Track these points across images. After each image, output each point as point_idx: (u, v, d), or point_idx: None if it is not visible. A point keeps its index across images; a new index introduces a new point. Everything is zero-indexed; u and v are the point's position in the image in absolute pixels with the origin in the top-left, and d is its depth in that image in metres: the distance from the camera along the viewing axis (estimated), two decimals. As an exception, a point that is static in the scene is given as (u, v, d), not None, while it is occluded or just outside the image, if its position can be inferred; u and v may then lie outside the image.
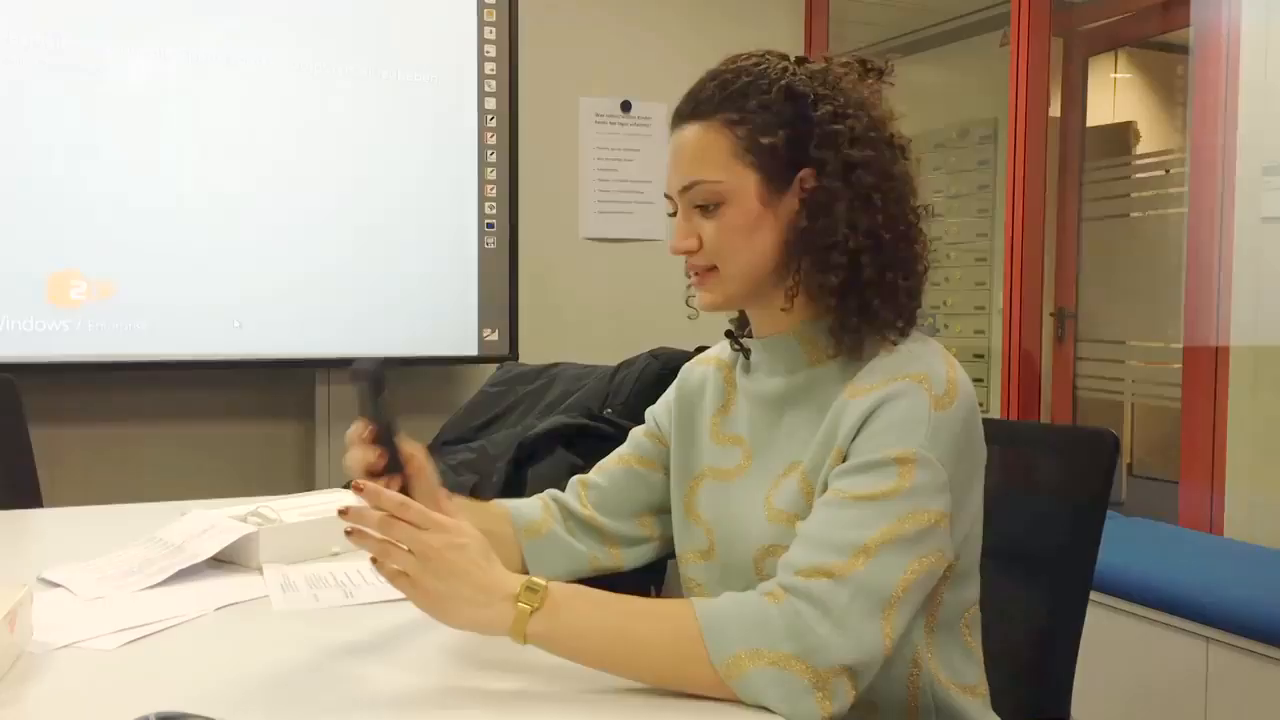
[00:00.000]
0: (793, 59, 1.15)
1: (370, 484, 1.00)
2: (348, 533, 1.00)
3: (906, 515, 0.99)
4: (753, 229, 1.10)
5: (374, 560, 1.00)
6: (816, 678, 0.92)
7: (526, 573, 1.24)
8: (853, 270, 1.08)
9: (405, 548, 0.96)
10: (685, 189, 1.12)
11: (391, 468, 1.09)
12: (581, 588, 1.01)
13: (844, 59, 1.15)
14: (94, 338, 2.91)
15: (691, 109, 1.13)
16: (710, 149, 1.10)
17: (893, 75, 1.17)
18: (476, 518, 1.22)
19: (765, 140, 1.09)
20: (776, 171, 1.10)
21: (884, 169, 1.10)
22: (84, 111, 2.90)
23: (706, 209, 1.12)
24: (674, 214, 1.16)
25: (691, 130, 1.12)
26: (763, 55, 1.14)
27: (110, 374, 3.09)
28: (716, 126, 1.10)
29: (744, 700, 0.93)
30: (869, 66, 1.16)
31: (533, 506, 1.31)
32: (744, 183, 1.10)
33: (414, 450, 1.12)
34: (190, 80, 3.00)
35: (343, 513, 1.00)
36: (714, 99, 1.11)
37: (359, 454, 1.08)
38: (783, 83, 1.10)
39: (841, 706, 0.94)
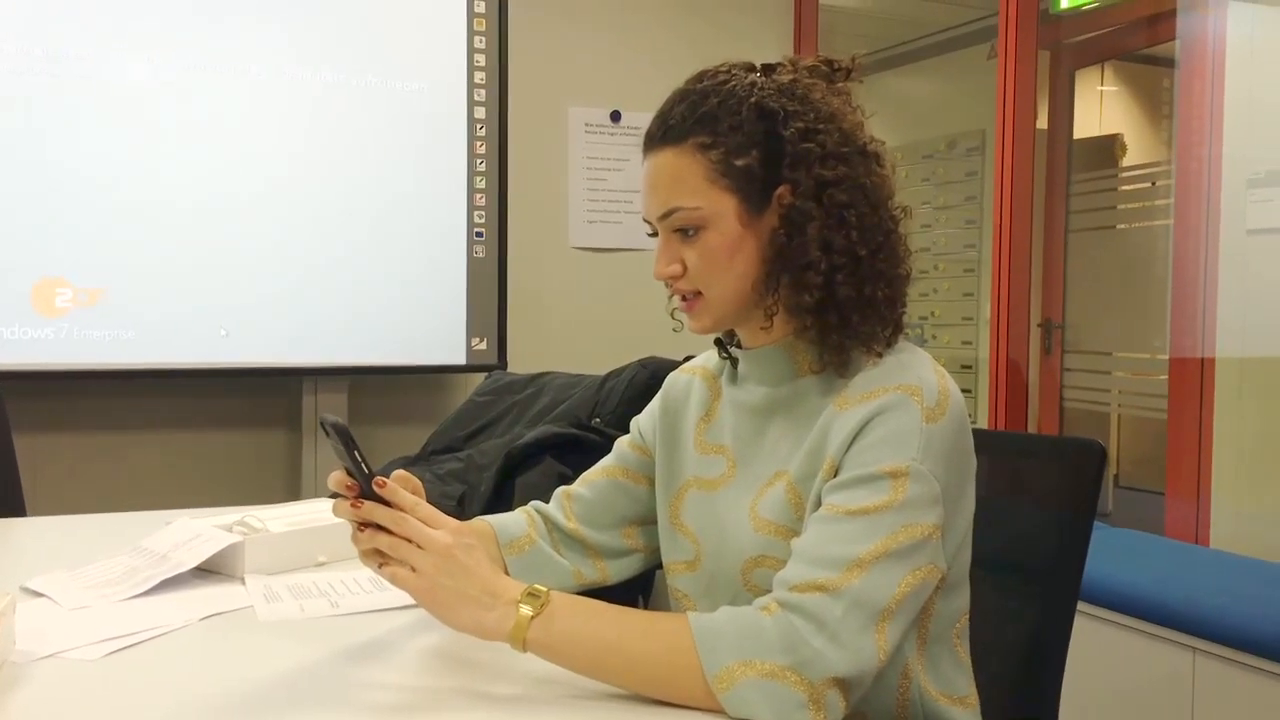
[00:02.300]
0: (760, 69, 1.14)
1: (389, 482, 1.02)
2: (360, 528, 1.02)
3: (900, 529, 0.99)
4: (734, 251, 1.10)
5: (375, 557, 1.01)
6: (810, 690, 0.92)
7: None
8: (829, 289, 1.07)
9: (416, 544, 0.99)
10: (664, 216, 1.12)
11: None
12: (580, 598, 1.02)
13: (810, 62, 1.14)
14: (79, 346, 2.90)
15: (662, 133, 1.11)
16: (685, 174, 1.09)
17: (861, 73, 1.16)
18: (465, 532, 1.23)
19: (739, 162, 1.08)
20: (754, 191, 1.09)
21: (857, 183, 1.08)
22: (71, 118, 2.89)
23: (687, 233, 1.11)
24: (654, 234, 1.16)
25: (664, 156, 1.11)
26: (729, 71, 1.13)
27: (96, 382, 3.08)
28: (689, 151, 1.09)
29: (734, 715, 0.93)
30: (836, 67, 1.15)
31: (517, 522, 1.30)
32: (722, 206, 1.09)
33: (406, 481, 1.09)
34: (178, 88, 3.00)
35: (352, 507, 1.01)
36: (684, 122, 1.10)
37: (347, 509, 1.04)
38: (752, 100, 1.09)
39: (836, 718, 0.94)
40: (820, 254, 1.07)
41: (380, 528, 1.01)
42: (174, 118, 2.99)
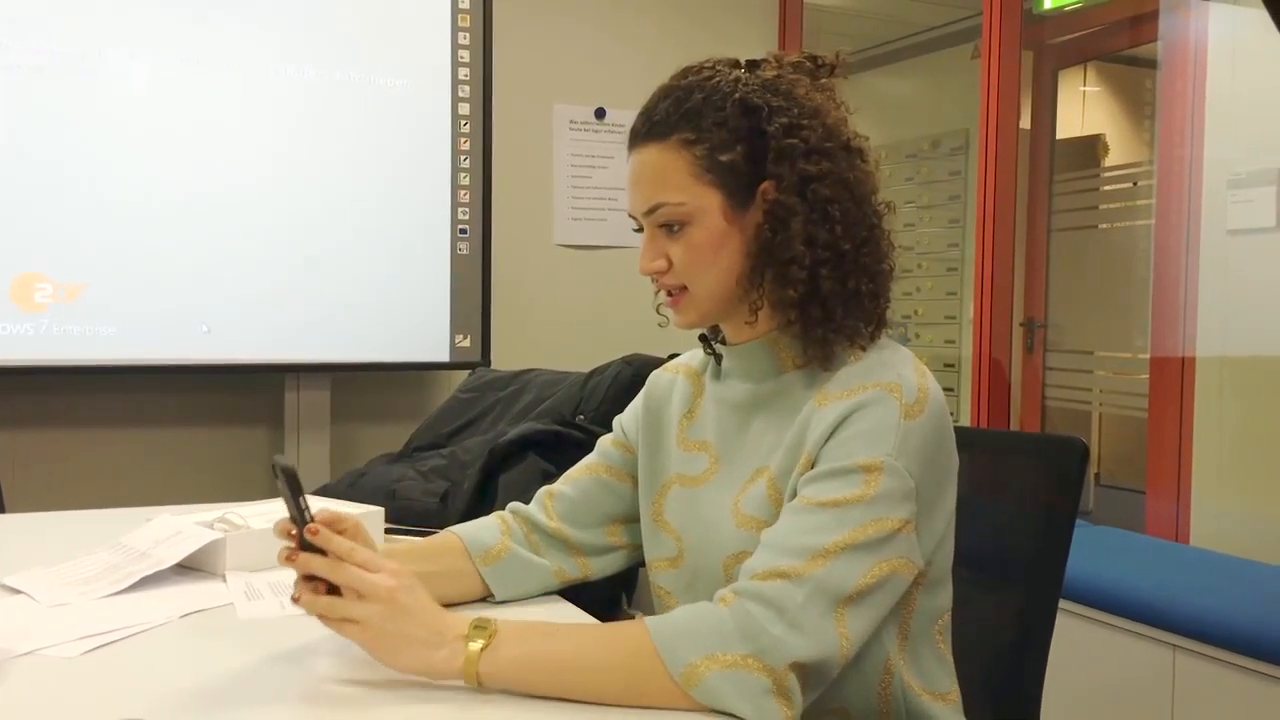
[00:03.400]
0: (744, 65, 1.14)
1: (321, 528, 0.99)
2: (294, 599, 1.01)
3: (869, 522, 0.99)
4: (719, 246, 1.10)
5: (320, 615, 1.00)
6: (774, 676, 0.92)
7: (490, 598, 1.25)
8: (812, 284, 1.08)
9: (356, 591, 0.98)
10: (649, 211, 1.12)
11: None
12: (530, 621, 1.01)
13: (794, 58, 1.15)
14: (59, 341, 2.88)
15: (647, 129, 1.12)
16: (670, 170, 1.10)
17: (845, 69, 1.17)
18: (430, 555, 1.22)
19: (724, 158, 1.09)
20: (738, 187, 1.10)
21: (841, 178, 1.09)
22: (51, 113, 2.87)
23: (672, 229, 1.11)
24: (639, 230, 1.16)
25: (649, 152, 1.11)
26: (714, 67, 1.13)
27: (76, 378, 3.06)
28: (674, 147, 1.10)
29: (708, 706, 0.93)
30: (820, 63, 1.16)
31: (489, 530, 1.29)
32: (707, 202, 1.10)
33: (339, 521, 1.06)
34: (159, 84, 2.97)
35: (289, 560, 1.00)
36: (669, 118, 1.10)
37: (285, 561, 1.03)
38: (736, 96, 1.09)
39: (798, 706, 0.94)
40: (804, 249, 1.07)
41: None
42: (155, 113, 2.97)
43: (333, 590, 1.00)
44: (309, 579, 1.01)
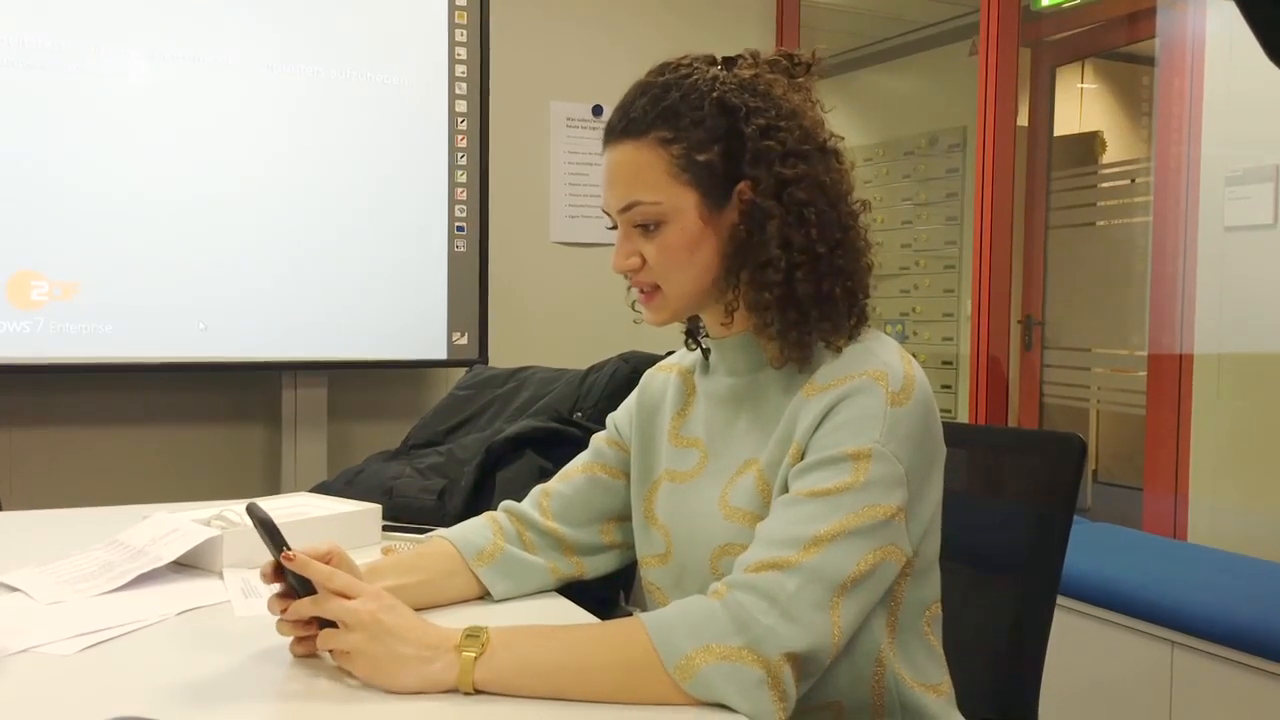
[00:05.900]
0: (721, 63, 1.14)
1: (299, 554, 1.00)
2: (293, 650, 1.04)
3: (861, 509, 0.99)
4: (694, 246, 1.10)
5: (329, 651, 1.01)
6: (767, 667, 0.93)
7: (487, 597, 1.25)
8: (788, 286, 1.08)
9: (343, 623, 0.98)
10: (624, 209, 1.12)
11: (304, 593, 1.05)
12: (523, 626, 1.01)
13: (771, 56, 1.15)
14: (56, 339, 2.87)
15: (624, 127, 1.11)
16: (646, 169, 1.09)
17: (821, 66, 1.16)
18: (421, 563, 1.22)
19: (701, 157, 1.08)
20: (714, 187, 1.09)
21: (817, 181, 1.09)
22: (47, 111, 2.86)
23: (647, 228, 1.11)
24: (614, 227, 1.15)
25: (625, 149, 1.11)
26: (691, 64, 1.12)
27: (72, 376, 3.05)
28: (650, 145, 1.09)
29: (702, 700, 0.93)
30: (796, 61, 1.15)
31: (480, 531, 1.29)
32: (683, 201, 1.09)
33: (327, 554, 1.07)
34: (156, 80, 2.97)
35: (284, 612, 1.02)
36: (646, 116, 1.10)
37: (277, 610, 1.05)
38: (714, 96, 1.09)
39: (791, 698, 0.94)
40: (780, 251, 1.07)
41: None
42: (152, 110, 2.97)
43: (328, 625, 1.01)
44: (300, 622, 1.02)
